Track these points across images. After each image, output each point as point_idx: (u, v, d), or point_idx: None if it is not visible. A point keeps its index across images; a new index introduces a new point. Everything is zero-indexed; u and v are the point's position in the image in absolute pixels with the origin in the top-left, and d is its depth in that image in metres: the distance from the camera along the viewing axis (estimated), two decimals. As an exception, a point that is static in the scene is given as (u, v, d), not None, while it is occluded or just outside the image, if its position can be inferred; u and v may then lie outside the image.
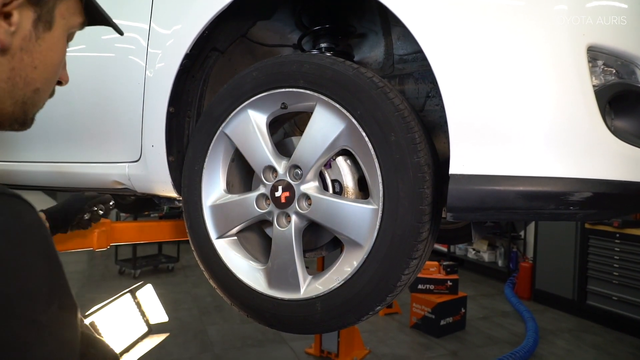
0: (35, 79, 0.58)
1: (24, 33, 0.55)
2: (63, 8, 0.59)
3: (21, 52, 0.55)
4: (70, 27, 0.62)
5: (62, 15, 0.59)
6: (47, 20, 0.57)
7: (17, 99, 0.57)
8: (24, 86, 0.57)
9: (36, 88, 0.58)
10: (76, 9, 0.63)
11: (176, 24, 1.38)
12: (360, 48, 1.57)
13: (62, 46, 0.61)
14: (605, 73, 0.94)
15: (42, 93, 0.60)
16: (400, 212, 0.99)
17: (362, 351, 4.13)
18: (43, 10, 0.56)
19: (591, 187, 0.87)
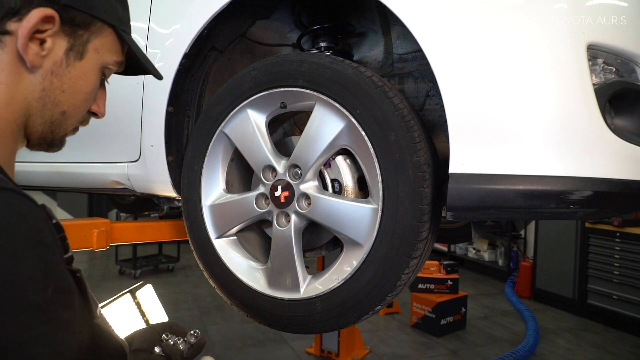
0: (62, 102, 0.63)
1: (55, 58, 0.61)
2: (98, 43, 0.65)
3: (51, 76, 0.61)
4: (103, 62, 0.67)
5: (95, 49, 0.65)
6: (79, 51, 0.63)
7: (46, 119, 0.63)
8: (52, 107, 0.63)
9: (63, 110, 0.64)
10: (113, 47, 0.68)
11: (175, 24, 1.37)
12: (359, 47, 1.57)
13: (92, 77, 0.66)
14: (605, 71, 0.93)
15: (68, 116, 0.66)
16: (400, 211, 0.99)
17: (363, 351, 4.13)
18: (76, 42, 0.62)
19: (591, 185, 0.87)
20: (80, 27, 0.63)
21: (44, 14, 0.57)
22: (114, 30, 0.67)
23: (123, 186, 1.60)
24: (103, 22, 0.65)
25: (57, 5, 0.59)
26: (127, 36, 0.70)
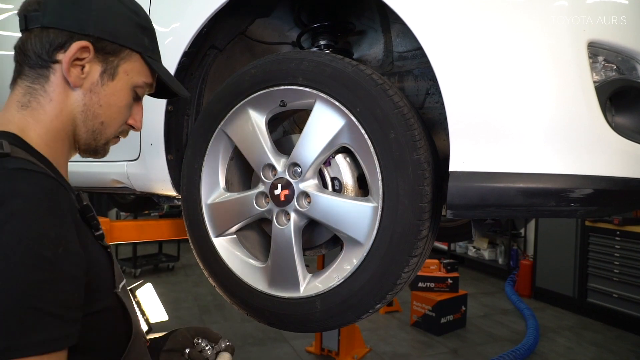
0: (100, 114, 0.79)
1: (92, 80, 0.77)
2: (127, 67, 0.80)
3: (90, 93, 0.77)
4: (133, 82, 0.81)
5: (125, 72, 0.80)
6: (111, 73, 0.78)
7: (89, 128, 0.79)
8: (92, 118, 0.78)
9: (102, 121, 0.80)
10: (141, 70, 0.82)
11: (174, 22, 1.37)
12: (359, 45, 1.57)
13: (123, 94, 0.81)
14: (605, 69, 0.93)
15: (106, 126, 0.81)
16: (400, 209, 0.99)
17: (363, 349, 4.13)
18: (108, 66, 0.78)
19: (592, 183, 0.87)
20: (111, 54, 0.77)
21: (81, 45, 0.73)
22: (140, 56, 0.81)
23: (123, 185, 1.60)
24: (130, 49, 0.79)
25: (92, 38, 0.75)
26: (153, 61, 0.83)
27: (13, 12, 1.92)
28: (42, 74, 0.75)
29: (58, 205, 0.62)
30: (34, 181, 0.61)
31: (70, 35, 0.73)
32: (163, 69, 0.86)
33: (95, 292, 0.68)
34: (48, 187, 0.62)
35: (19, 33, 0.77)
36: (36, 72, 0.75)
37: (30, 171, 0.62)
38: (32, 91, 0.75)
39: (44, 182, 0.62)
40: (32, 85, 0.75)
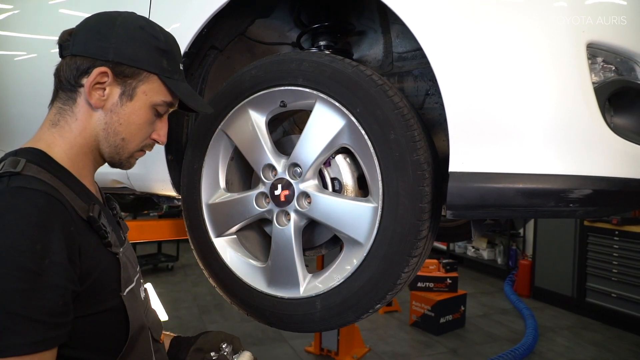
0: (121, 131, 0.86)
1: (112, 101, 0.84)
2: (146, 88, 0.86)
3: (111, 113, 0.84)
4: (152, 102, 0.87)
5: (144, 92, 0.86)
6: (130, 94, 0.85)
7: (111, 144, 0.86)
8: (114, 135, 0.86)
9: (123, 137, 0.87)
10: (160, 90, 0.88)
11: (174, 23, 1.37)
12: (359, 46, 1.57)
13: (143, 113, 0.87)
14: (604, 70, 0.93)
15: (128, 142, 0.87)
16: (399, 210, 0.99)
17: (362, 349, 4.13)
18: (127, 88, 0.84)
19: (591, 184, 0.87)
20: (129, 77, 0.84)
21: (100, 71, 0.81)
22: (158, 78, 0.87)
23: (123, 185, 1.60)
24: (148, 72, 0.85)
25: (111, 64, 0.82)
26: (171, 81, 0.88)
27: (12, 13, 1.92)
28: (71, 96, 0.84)
29: (48, 221, 0.68)
30: (29, 198, 0.68)
31: (93, 62, 0.82)
32: (183, 88, 0.92)
33: (97, 294, 0.75)
34: (40, 204, 0.68)
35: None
36: (66, 95, 0.84)
37: (29, 189, 0.69)
38: (62, 111, 0.84)
39: (39, 199, 0.69)
40: (63, 106, 0.84)
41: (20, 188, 0.69)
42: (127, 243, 0.95)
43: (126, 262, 0.86)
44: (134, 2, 1.49)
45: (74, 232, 0.71)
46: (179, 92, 0.90)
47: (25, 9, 1.87)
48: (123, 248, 0.87)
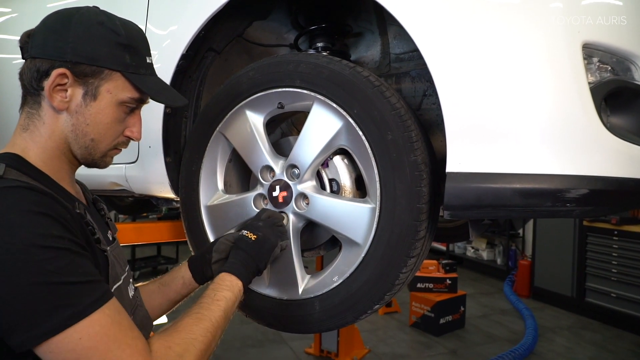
0: (89, 132, 0.84)
1: (76, 102, 0.82)
2: (110, 85, 0.83)
3: (76, 114, 0.83)
4: (118, 99, 0.85)
5: (108, 91, 0.83)
6: (93, 93, 0.83)
7: (81, 145, 0.85)
8: (82, 136, 0.84)
9: (91, 138, 0.85)
10: (125, 87, 0.85)
11: (172, 25, 1.37)
12: (356, 47, 1.57)
13: (109, 111, 0.85)
14: (600, 70, 0.94)
15: (98, 142, 0.86)
16: (397, 210, 0.99)
17: (362, 350, 4.13)
18: (89, 87, 0.82)
19: (587, 184, 0.88)
20: (90, 77, 0.82)
21: (59, 72, 0.79)
22: (122, 74, 0.84)
23: (121, 187, 1.60)
24: (109, 69, 0.83)
25: (70, 64, 0.80)
26: (135, 77, 0.86)
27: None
28: (36, 100, 0.83)
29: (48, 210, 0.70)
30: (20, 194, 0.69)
31: (52, 63, 0.80)
32: (151, 82, 0.89)
33: None
34: (32, 198, 0.70)
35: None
36: (32, 99, 0.83)
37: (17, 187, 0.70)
38: (30, 115, 0.83)
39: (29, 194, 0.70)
40: (30, 110, 0.83)
41: (7, 188, 0.70)
42: (116, 243, 0.94)
43: (114, 260, 0.86)
44: (131, 6, 1.49)
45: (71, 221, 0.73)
46: (146, 88, 0.87)
47: (23, 12, 1.88)
48: (111, 247, 0.87)
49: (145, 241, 1.89)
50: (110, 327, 0.69)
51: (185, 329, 0.81)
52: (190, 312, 0.86)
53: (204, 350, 0.80)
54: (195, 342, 0.79)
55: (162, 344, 0.75)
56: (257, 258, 1.03)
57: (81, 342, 0.66)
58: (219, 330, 0.86)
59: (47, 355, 0.65)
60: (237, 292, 0.96)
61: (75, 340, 0.65)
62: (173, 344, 0.76)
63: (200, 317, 0.85)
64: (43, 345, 0.64)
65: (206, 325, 0.83)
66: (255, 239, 1.05)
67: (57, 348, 0.65)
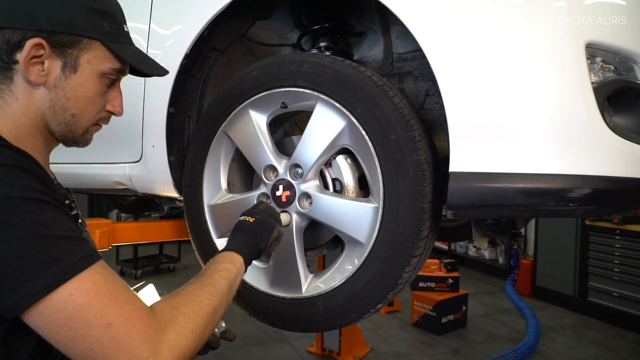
0: (69, 107, 0.78)
1: (54, 75, 0.76)
2: (89, 56, 0.78)
3: (55, 89, 0.76)
4: (99, 70, 0.79)
5: (88, 62, 0.78)
6: (72, 65, 0.77)
7: (60, 121, 0.79)
8: (62, 112, 0.78)
9: (72, 113, 0.79)
10: (106, 57, 0.80)
11: (176, 25, 1.38)
12: (359, 47, 1.57)
13: (90, 84, 0.79)
14: (603, 70, 0.94)
15: (79, 117, 0.80)
16: (400, 210, 1.00)
17: (364, 349, 4.13)
18: (68, 59, 0.76)
19: (590, 183, 0.88)
20: (68, 47, 0.76)
21: (34, 43, 0.72)
22: (101, 43, 0.79)
23: (125, 187, 1.61)
24: (88, 38, 0.77)
25: (45, 33, 0.73)
26: (116, 45, 0.80)
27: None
28: (6, 75, 0.75)
29: (25, 165, 0.66)
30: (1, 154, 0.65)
31: (24, 33, 0.72)
32: (132, 51, 0.84)
33: None
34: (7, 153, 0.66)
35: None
36: (2, 74, 0.75)
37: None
38: (0, 92, 0.75)
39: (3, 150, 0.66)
40: (0, 85, 0.75)
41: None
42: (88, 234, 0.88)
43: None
44: (135, 5, 1.50)
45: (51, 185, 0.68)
46: (128, 57, 0.82)
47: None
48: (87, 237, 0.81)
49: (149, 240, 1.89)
50: (104, 284, 0.63)
51: (189, 293, 0.76)
52: (192, 282, 0.81)
53: (210, 314, 0.75)
54: (202, 304, 0.74)
55: (166, 304, 0.70)
56: (257, 237, 1.00)
57: (72, 299, 0.59)
58: (223, 299, 0.81)
59: (34, 318, 0.59)
60: (238, 266, 0.91)
61: (66, 297, 0.59)
62: (177, 304, 0.71)
63: (204, 283, 0.80)
64: (32, 307, 0.59)
65: (210, 290, 0.78)
66: (254, 221, 1.02)
67: (46, 309, 0.59)
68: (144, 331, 0.62)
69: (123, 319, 0.62)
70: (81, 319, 0.60)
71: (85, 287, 0.61)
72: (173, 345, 0.65)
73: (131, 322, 0.62)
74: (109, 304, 0.62)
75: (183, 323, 0.68)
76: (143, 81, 1.44)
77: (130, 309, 0.63)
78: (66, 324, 0.59)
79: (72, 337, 0.60)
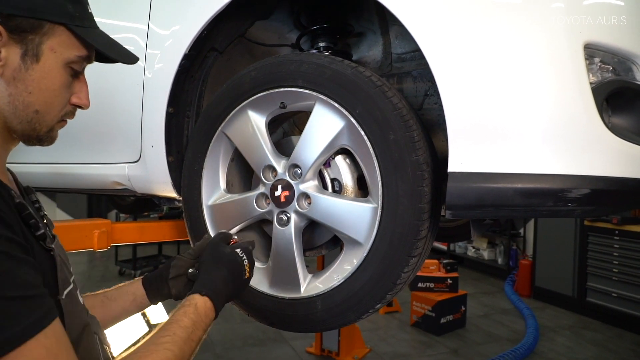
0: (32, 102, 0.69)
1: (13, 65, 0.66)
2: (53, 43, 0.68)
3: (15, 81, 0.67)
4: (65, 59, 0.70)
5: (51, 49, 0.69)
6: (34, 53, 0.67)
7: (22, 119, 0.69)
8: (23, 108, 0.68)
9: (35, 110, 0.69)
10: (71, 43, 0.71)
11: (175, 25, 1.38)
12: (358, 47, 1.58)
13: (55, 75, 0.70)
14: (602, 70, 0.94)
15: (43, 113, 0.70)
16: (399, 210, 1.00)
17: (363, 350, 4.14)
18: (29, 46, 0.66)
19: (589, 183, 0.88)
20: (29, 32, 0.66)
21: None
22: (66, 28, 0.70)
23: (123, 187, 1.61)
24: (51, 22, 0.68)
25: (2, 17, 0.64)
26: (82, 30, 0.72)
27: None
28: None
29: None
30: None
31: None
32: (99, 36, 0.75)
33: None
34: None
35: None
36: None
37: None
38: None
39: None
40: None
41: None
42: (57, 241, 0.77)
43: (61, 261, 0.72)
44: (133, 5, 1.50)
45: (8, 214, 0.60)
46: (96, 43, 0.73)
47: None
48: (54, 245, 0.72)
49: (147, 240, 1.89)
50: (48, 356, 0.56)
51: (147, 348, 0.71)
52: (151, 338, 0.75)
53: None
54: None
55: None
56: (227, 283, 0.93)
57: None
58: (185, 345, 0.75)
59: None
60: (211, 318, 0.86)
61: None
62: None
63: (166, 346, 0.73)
64: None
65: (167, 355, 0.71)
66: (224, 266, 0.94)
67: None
68: None
69: None
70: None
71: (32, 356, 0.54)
72: None
73: None
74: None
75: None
76: (142, 81, 1.44)
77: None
78: None
79: None
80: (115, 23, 1.52)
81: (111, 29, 1.07)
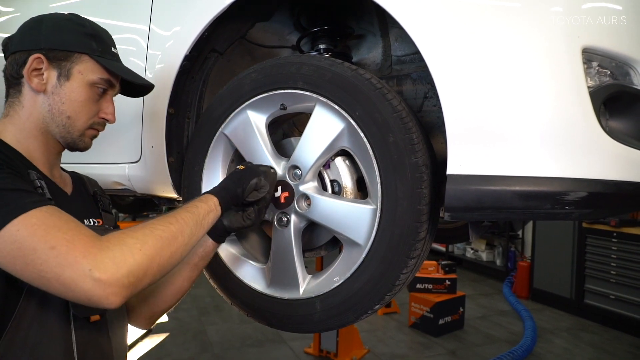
0: (65, 110, 0.95)
1: (52, 83, 0.94)
2: (80, 67, 0.95)
3: (53, 95, 0.94)
4: (89, 80, 0.96)
5: (79, 72, 0.95)
6: (66, 75, 0.94)
7: (58, 123, 0.95)
8: (59, 114, 0.95)
9: (68, 116, 0.95)
10: (94, 68, 0.96)
11: (176, 26, 1.38)
12: (358, 49, 1.58)
13: (82, 90, 0.95)
14: (600, 74, 0.95)
15: (74, 119, 0.96)
16: (398, 212, 1.00)
17: (361, 350, 4.14)
18: (62, 70, 0.94)
19: (586, 187, 0.89)
20: (62, 60, 0.94)
21: (35, 57, 0.92)
22: (90, 57, 0.96)
23: (123, 187, 1.61)
24: (79, 52, 0.95)
25: (44, 50, 0.92)
26: (102, 59, 0.97)
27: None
28: (17, 89, 0.94)
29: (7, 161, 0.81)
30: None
31: (28, 53, 0.92)
32: (117, 65, 1.00)
33: None
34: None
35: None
36: (14, 90, 0.95)
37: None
38: (12, 104, 0.95)
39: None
40: (12, 99, 0.95)
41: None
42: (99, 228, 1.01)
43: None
44: (135, 7, 1.50)
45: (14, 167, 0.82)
46: (113, 68, 0.98)
47: (26, 12, 1.89)
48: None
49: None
50: (49, 217, 0.72)
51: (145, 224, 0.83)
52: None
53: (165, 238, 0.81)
54: (155, 229, 0.81)
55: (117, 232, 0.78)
56: (237, 182, 1.07)
57: (19, 232, 0.69)
58: (185, 227, 0.88)
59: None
60: (210, 204, 0.99)
61: (14, 232, 0.69)
62: (128, 230, 0.79)
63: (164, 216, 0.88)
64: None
65: (169, 219, 0.86)
66: (243, 169, 1.11)
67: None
68: (84, 249, 0.70)
69: (65, 241, 0.70)
70: (28, 246, 0.69)
71: (30, 222, 0.70)
72: (118, 260, 0.72)
73: (72, 243, 0.70)
74: (51, 232, 0.70)
75: (130, 243, 0.75)
76: (143, 82, 1.44)
77: (73, 234, 0.71)
78: (17, 253, 0.69)
79: (24, 264, 0.69)
80: (117, 24, 1.53)
81: (113, 29, 1.08)
